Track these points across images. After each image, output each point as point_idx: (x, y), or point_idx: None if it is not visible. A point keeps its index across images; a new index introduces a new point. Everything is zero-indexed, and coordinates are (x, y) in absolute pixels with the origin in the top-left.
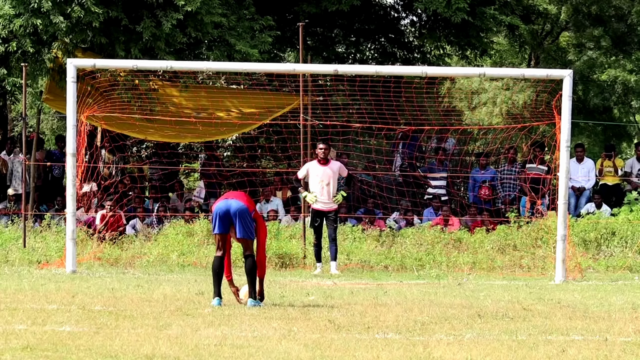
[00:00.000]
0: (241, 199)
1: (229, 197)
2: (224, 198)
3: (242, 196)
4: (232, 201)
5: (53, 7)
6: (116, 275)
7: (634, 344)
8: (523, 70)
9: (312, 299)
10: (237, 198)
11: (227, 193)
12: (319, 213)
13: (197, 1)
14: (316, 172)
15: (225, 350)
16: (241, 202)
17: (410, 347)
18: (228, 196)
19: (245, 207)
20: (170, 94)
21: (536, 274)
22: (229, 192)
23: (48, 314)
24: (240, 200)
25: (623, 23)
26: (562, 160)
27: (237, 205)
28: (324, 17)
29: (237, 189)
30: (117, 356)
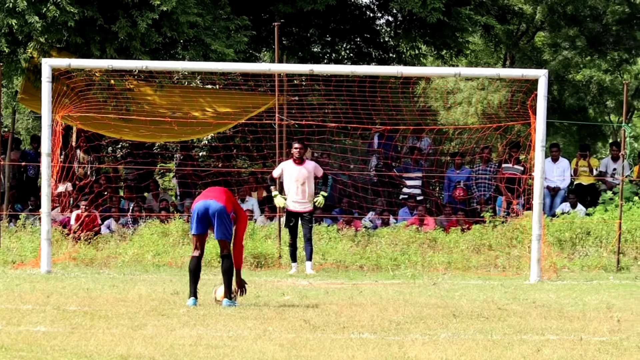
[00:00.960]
0: (220, 199)
1: (209, 196)
2: (204, 198)
3: (222, 194)
4: (211, 202)
5: (28, 7)
6: (91, 275)
7: (608, 343)
8: (498, 70)
9: (288, 299)
10: (217, 197)
11: (207, 190)
12: (294, 213)
13: (173, 1)
14: (291, 172)
15: (201, 350)
16: (220, 203)
17: (386, 346)
18: (208, 195)
19: (224, 207)
20: (145, 93)
21: (511, 273)
22: (209, 190)
23: (23, 314)
24: (219, 201)
25: (598, 23)
26: (537, 160)
27: (216, 206)
28: (300, 17)
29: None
30: (92, 356)
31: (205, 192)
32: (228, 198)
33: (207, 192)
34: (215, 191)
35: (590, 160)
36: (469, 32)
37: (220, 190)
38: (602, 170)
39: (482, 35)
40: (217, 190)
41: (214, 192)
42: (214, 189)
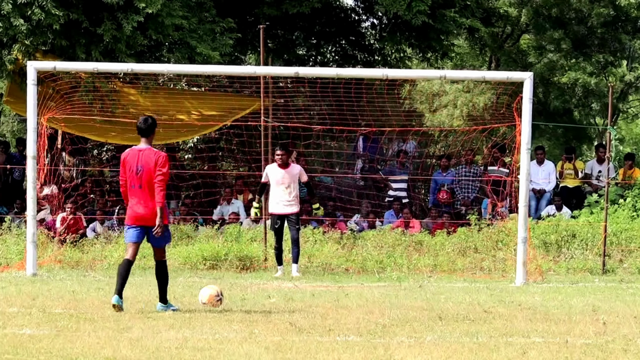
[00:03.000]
0: (151, 214)
1: (137, 207)
2: (135, 211)
3: (151, 205)
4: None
5: (13, 10)
6: (77, 278)
7: (594, 346)
8: (484, 72)
9: (273, 302)
10: (146, 212)
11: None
12: (280, 216)
13: (158, 3)
14: (276, 175)
15: (186, 353)
16: (151, 222)
17: (372, 349)
18: (135, 206)
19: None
20: (130, 96)
21: (497, 276)
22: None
23: (8, 317)
24: (150, 216)
25: (583, 26)
26: (522, 163)
27: (148, 223)
28: (285, 19)
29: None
30: (77, 359)
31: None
32: (154, 202)
33: (138, 199)
34: (144, 202)
35: (576, 162)
36: (454, 34)
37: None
38: (587, 172)
39: (467, 38)
40: (145, 201)
41: (144, 202)
42: (143, 198)
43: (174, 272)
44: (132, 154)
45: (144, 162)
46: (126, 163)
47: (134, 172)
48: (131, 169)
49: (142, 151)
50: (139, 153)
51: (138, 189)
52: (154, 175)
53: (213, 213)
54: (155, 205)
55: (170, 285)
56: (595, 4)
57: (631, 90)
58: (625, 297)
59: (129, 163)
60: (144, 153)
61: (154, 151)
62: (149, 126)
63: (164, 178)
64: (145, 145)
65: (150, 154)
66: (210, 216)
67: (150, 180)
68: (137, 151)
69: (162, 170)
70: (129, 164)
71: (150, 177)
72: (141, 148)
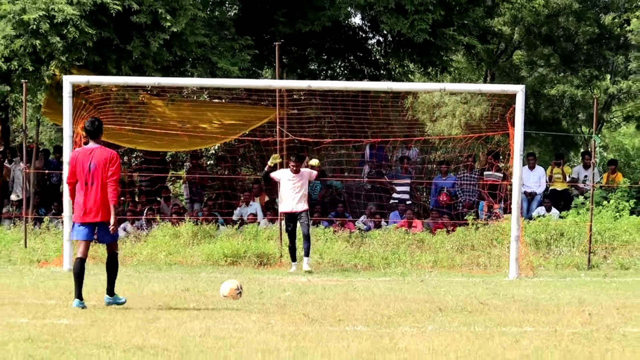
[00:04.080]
0: (102, 210)
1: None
2: (85, 209)
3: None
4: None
5: (50, 29)
6: None
7: (580, 334)
8: (480, 85)
9: (288, 295)
10: (97, 208)
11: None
12: (291, 216)
13: (182, 22)
14: (288, 180)
15: (209, 341)
16: (102, 217)
17: (378, 338)
18: (84, 204)
19: (107, 221)
20: (157, 107)
21: (492, 271)
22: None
23: (47, 309)
24: (101, 212)
25: (570, 43)
26: (515, 168)
27: (99, 218)
28: (298, 37)
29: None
30: (110, 347)
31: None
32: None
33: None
34: (95, 203)
35: (564, 168)
36: (453, 51)
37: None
38: (574, 177)
39: (464, 54)
40: (95, 203)
41: (94, 203)
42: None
43: (198, 268)
44: (83, 153)
45: (96, 160)
46: (77, 162)
47: (86, 170)
48: (83, 167)
49: (94, 150)
50: (91, 152)
51: (90, 186)
52: (106, 173)
53: (233, 214)
54: (106, 202)
55: (194, 280)
56: (582, 22)
57: (614, 102)
58: (608, 290)
59: (80, 162)
60: (96, 152)
61: (106, 150)
62: (96, 128)
63: (116, 177)
64: (95, 145)
65: (103, 152)
66: (230, 217)
67: (101, 178)
68: (88, 150)
69: (113, 169)
70: (80, 163)
71: (101, 174)
72: (92, 147)
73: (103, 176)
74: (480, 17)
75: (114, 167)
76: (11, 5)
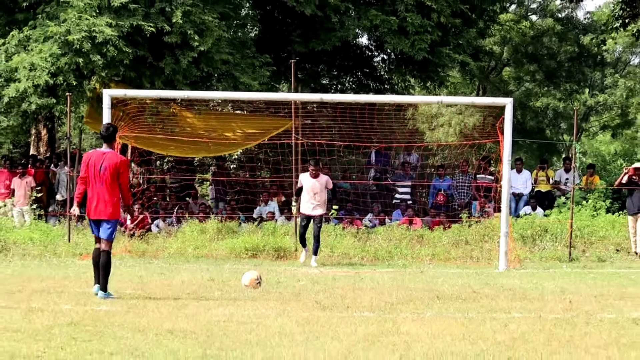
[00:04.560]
0: (105, 208)
1: (94, 202)
2: (92, 205)
3: (107, 201)
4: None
5: (92, 48)
6: (143, 265)
7: (562, 320)
8: (473, 98)
9: (302, 284)
10: (101, 206)
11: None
12: (308, 217)
13: (209, 42)
14: (307, 184)
15: (232, 326)
16: (103, 215)
17: (382, 323)
18: (92, 201)
19: (106, 219)
20: (187, 117)
21: (484, 263)
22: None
23: (88, 297)
24: (103, 210)
25: (553, 60)
26: (504, 171)
27: (101, 216)
28: (312, 55)
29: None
30: (144, 330)
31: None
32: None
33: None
34: (101, 199)
35: (548, 171)
36: (449, 67)
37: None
38: (557, 179)
39: (459, 70)
40: (102, 199)
41: (100, 200)
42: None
43: (222, 261)
44: (96, 155)
45: (107, 163)
46: (90, 162)
47: (98, 171)
48: (95, 168)
49: (106, 154)
50: (103, 155)
51: (100, 186)
52: (116, 177)
53: (253, 212)
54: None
55: (218, 271)
56: (563, 43)
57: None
58: (587, 280)
59: (92, 162)
60: (107, 155)
61: (117, 155)
62: (111, 133)
63: (127, 180)
64: (108, 149)
65: (113, 157)
66: (251, 215)
67: (111, 179)
68: (101, 153)
69: (123, 174)
70: (93, 164)
71: (111, 176)
72: (105, 151)
73: (111, 179)
74: (473, 38)
75: (124, 172)
76: (57, 27)
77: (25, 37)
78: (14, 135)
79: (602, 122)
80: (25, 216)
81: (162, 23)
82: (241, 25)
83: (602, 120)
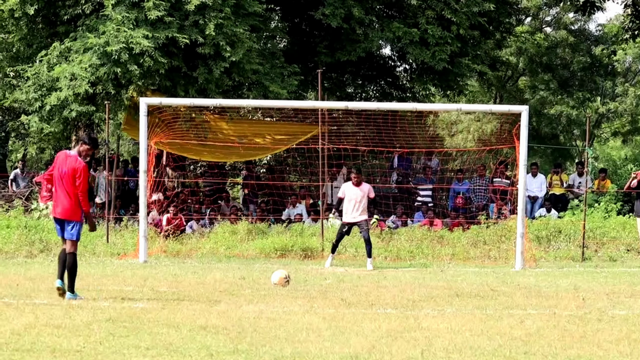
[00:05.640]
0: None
1: (57, 204)
2: (55, 207)
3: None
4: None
5: (129, 59)
6: (178, 264)
7: (575, 316)
8: (490, 106)
9: (329, 283)
10: (64, 207)
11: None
12: (350, 224)
13: (240, 53)
14: (350, 193)
15: (262, 322)
16: (66, 216)
17: (404, 319)
18: (57, 204)
19: (68, 220)
20: (219, 124)
21: (501, 263)
22: (58, 196)
23: (126, 294)
24: (66, 211)
25: (567, 70)
26: (520, 175)
27: (64, 216)
28: (337, 65)
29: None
30: (178, 326)
31: (55, 199)
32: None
33: (57, 199)
34: (62, 200)
35: (561, 175)
36: (468, 77)
37: (65, 195)
38: (570, 183)
39: (477, 80)
40: (63, 200)
41: (61, 201)
42: (61, 196)
43: (252, 260)
44: (64, 157)
45: (68, 167)
46: (57, 162)
47: (61, 172)
48: (60, 169)
49: (69, 157)
50: (67, 158)
51: (61, 187)
52: (73, 182)
53: (282, 214)
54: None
55: (249, 270)
56: (576, 53)
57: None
58: (599, 278)
59: (58, 163)
60: (70, 159)
61: (77, 160)
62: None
63: (83, 187)
64: (74, 153)
65: (73, 161)
66: (280, 216)
67: (70, 183)
68: (67, 156)
69: (79, 180)
70: (58, 165)
71: (71, 180)
72: (70, 154)
73: (71, 182)
74: (490, 49)
75: (81, 179)
76: (97, 39)
77: (66, 49)
78: (55, 141)
79: (613, 128)
80: None
81: (195, 35)
82: (271, 37)
83: (613, 126)
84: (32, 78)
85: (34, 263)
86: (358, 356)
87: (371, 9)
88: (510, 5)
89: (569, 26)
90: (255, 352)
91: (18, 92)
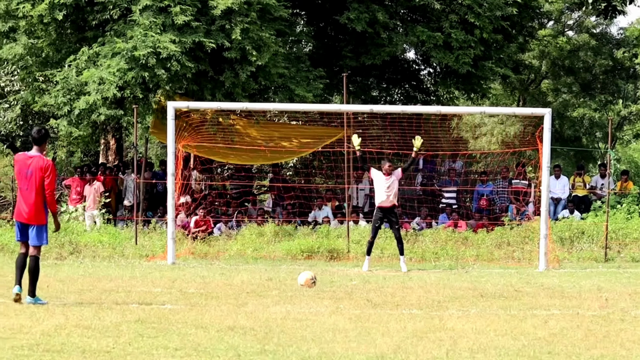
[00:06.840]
0: (33, 213)
1: (22, 206)
2: (19, 211)
3: (35, 206)
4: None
5: (157, 63)
6: (205, 265)
7: (598, 316)
8: (514, 109)
9: (355, 284)
10: (30, 211)
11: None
12: (384, 210)
13: (266, 57)
14: (381, 182)
15: (289, 323)
16: (33, 221)
17: (429, 320)
18: (20, 204)
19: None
20: (245, 127)
21: (525, 263)
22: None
23: (154, 295)
24: (31, 215)
25: (589, 73)
26: (543, 177)
27: (30, 221)
28: (362, 69)
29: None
30: (206, 327)
31: (20, 203)
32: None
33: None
34: (29, 203)
35: (584, 177)
36: (491, 80)
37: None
38: (593, 185)
39: (501, 83)
40: (30, 203)
41: (28, 204)
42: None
43: (279, 262)
44: (23, 159)
45: (33, 167)
46: (17, 166)
47: (25, 175)
48: (20, 172)
49: (32, 158)
50: (30, 159)
51: (25, 190)
52: (41, 181)
53: (308, 216)
54: (40, 207)
55: (276, 272)
56: (598, 56)
57: (626, 122)
58: (622, 279)
59: (19, 167)
60: (34, 159)
61: (43, 159)
62: (42, 136)
63: (52, 185)
64: (36, 153)
65: (40, 161)
66: (306, 219)
67: (38, 183)
68: (28, 157)
69: (48, 178)
70: (18, 169)
71: (39, 180)
72: (32, 155)
73: (39, 183)
74: (513, 52)
75: (49, 176)
76: (125, 44)
77: (94, 54)
78: (84, 144)
79: (635, 130)
80: (95, 220)
81: (222, 40)
82: (296, 41)
83: (635, 129)
84: (61, 82)
85: (63, 265)
86: (384, 356)
87: (395, 13)
88: (533, 10)
89: (591, 30)
90: (282, 352)
91: (47, 97)
